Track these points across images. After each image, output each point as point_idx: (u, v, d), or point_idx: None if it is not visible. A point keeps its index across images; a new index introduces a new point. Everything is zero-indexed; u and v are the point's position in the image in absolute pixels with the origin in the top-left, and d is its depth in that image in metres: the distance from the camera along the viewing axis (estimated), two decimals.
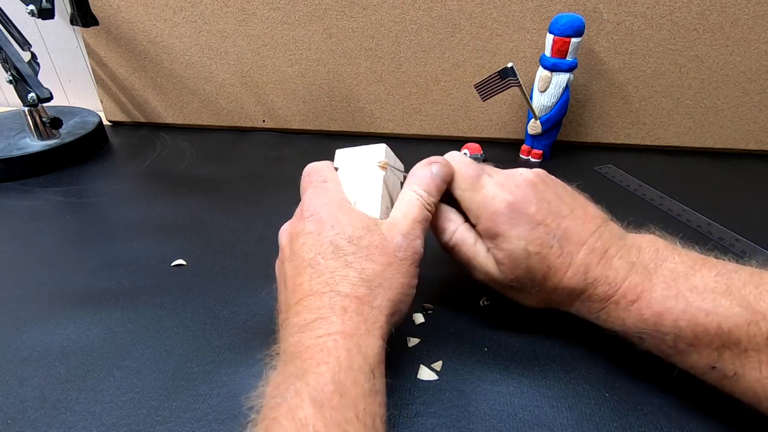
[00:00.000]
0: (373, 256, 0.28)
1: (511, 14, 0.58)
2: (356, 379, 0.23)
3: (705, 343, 0.26)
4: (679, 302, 0.26)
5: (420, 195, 0.31)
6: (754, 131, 0.61)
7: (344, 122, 0.69)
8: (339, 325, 0.25)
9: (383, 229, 0.29)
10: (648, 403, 0.30)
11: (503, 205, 0.30)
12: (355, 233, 0.28)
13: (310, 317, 0.25)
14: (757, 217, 0.49)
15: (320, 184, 0.31)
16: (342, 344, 0.24)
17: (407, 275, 0.28)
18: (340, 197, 0.31)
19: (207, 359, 0.33)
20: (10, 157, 0.56)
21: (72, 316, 0.37)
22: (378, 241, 0.28)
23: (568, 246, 0.29)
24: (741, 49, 0.56)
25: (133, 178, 0.58)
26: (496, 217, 0.30)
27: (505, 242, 0.30)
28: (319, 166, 0.34)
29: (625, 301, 0.28)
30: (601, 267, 0.29)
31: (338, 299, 0.26)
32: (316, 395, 0.22)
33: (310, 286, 0.27)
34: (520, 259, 0.30)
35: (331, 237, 0.28)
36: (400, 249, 0.28)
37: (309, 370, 0.23)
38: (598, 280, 0.29)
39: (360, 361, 0.24)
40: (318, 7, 0.61)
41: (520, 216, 0.30)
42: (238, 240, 0.46)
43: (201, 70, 0.67)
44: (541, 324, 0.35)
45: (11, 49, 0.56)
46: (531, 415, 0.29)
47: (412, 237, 0.29)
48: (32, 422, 0.29)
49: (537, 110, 0.57)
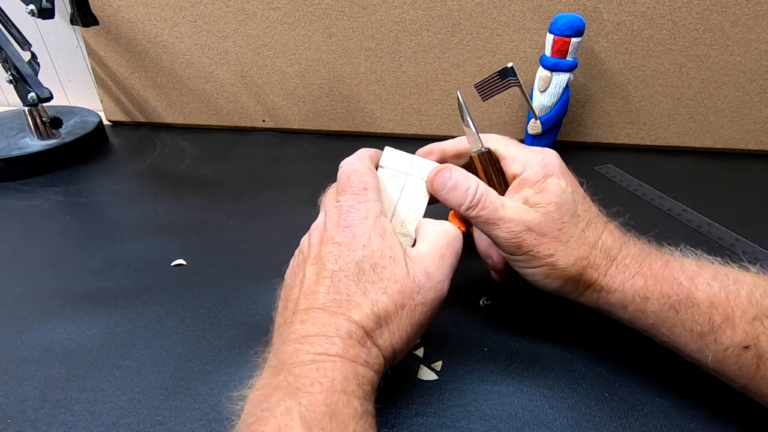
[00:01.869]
0: (390, 291, 0.26)
1: (511, 14, 0.58)
2: (349, 402, 0.23)
3: (739, 314, 0.25)
4: (707, 269, 0.27)
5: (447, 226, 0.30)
6: (754, 131, 0.61)
7: (344, 122, 0.69)
8: (341, 349, 0.24)
9: (408, 261, 0.27)
10: (648, 403, 0.30)
11: (554, 156, 0.31)
12: (381, 261, 0.27)
13: (313, 330, 0.25)
14: (757, 217, 0.49)
15: (360, 192, 0.29)
16: (340, 367, 0.24)
17: (417, 324, 0.27)
18: (379, 212, 0.29)
19: (207, 359, 0.33)
20: (10, 157, 0.56)
21: (72, 316, 0.37)
22: (399, 275, 0.27)
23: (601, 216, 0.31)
24: (741, 49, 0.56)
25: (133, 178, 0.58)
26: (548, 162, 0.31)
27: (554, 184, 0.30)
28: (360, 168, 0.30)
29: (659, 263, 0.28)
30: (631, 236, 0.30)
31: (346, 324, 0.25)
32: (307, 415, 0.21)
33: (324, 300, 0.26)
34: (568, 198, 0.30)
35: (359, 257, 0.27)
36: (420, 292, 0.27)
37: (302, 389, 0.22)
38: (632, 241, 0.30)
39: (354, 386, 0.23)
40: (318, 7, 0.61)
41: (566, 171, 0.31)
42: (238, 240, 0.46)
43: (201, 70, 0.67)
44: (541, 324, 0.35)
45: (11, 48, 0.56)
46: (531, 415, 0.29)
47: (437, 277, 0.27)
48: (32, 422, 0.29)
49: (537, 110, 0.57)
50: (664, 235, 0.32)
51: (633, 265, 0.29)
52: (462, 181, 0.30)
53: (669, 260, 0.28)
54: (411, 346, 0.28)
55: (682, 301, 0.27)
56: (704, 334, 0.26)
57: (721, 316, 0.26)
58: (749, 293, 0.25)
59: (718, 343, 0.26)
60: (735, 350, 0.25)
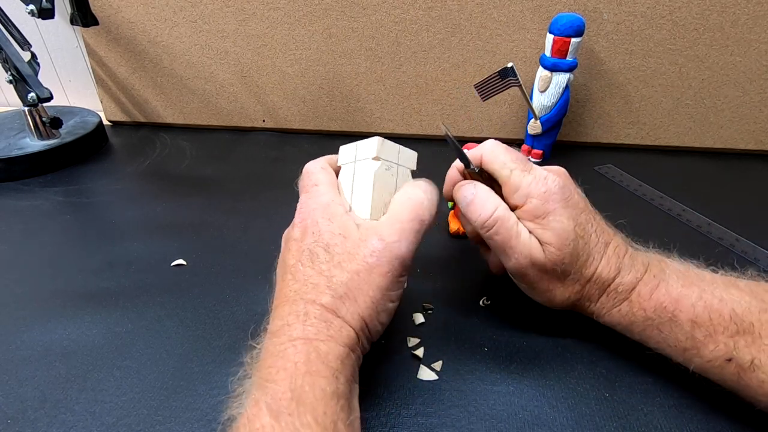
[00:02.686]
0: (344, 263, 0.27)
1: (511, 14, 0.58)
2: (314, 383, 0.23)
3: (720, 330, 0.26)
4: (694, 290, 0.28)
5: (413, 194, 0.30)
6: (754, 131, 0.61)
7: (344, 122, 0.69)
8: (300, 331, 0.25)
9: (360, 232, 0.28)
10: (648, 403, 0.30)
11: (557, 185, 0.31)
12: (332, 240, 0.28)
13: (278, 324, 0.26)
14: (757, 217, 0.49)
15: (311, 188, 0.31)
16: (301, 349, 0.24)
17: (379, 287, 0.27)
18: (329, 200, 0.30)
19: (207, 359, 0.33)
20: (10, 157, 0.56)
21: (72, 316, 0.37)
22: (351, 246, 0.27)
23: (603, 237, 0.31)
24: (741, 49, 0.56)
25: (133, 178, 0.58)
26: (550, 196, 0.30)
27: (556, 221, 0.30)
28: (311, 168, 0.32)
29: (647, 289, 0.29)
30: (628, 259, 0.31)
31: (303, 306, 0.26)
32: (273, 403, 0.22)
33: (286, 293, 0.27)
34: (569, 240, 0.30)
35: (310, 245, 0.28)
36: (373, 254, 0.27)
37: (268, 379, 0.23)
38: (626, 269, 0.30)
39: (318, 365, 0.24)
40: (318, 7, 0.61)
41: (570, 199, 0.31)
42: (238, 240, 0.46)
43: (201, 70, 0.67)
44: (541, 324, 0.35)
45: (11, 49, 0.56)
46: (531, 415, 0.29)
47: (393, 239, 0.27)
48: (32, 422, 0.29)
49: (537, 110, 0.57)
50: (664, 235, 0.32)
51: (623, 293, 0.30)
52: (481, 199, 0.31)
53: (658, 284, 0.29)
54: (386, 315, 0.28)
55: (665, 323, 0.28)
56: (687, 348, 0.28)
57: (703, 333, 0.27)
58: (731, 310, 0.27)
59: (701, 356, 0.27)
60: (717, 362, 0.27)
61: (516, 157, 0.32)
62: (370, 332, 0.27)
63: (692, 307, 0.27)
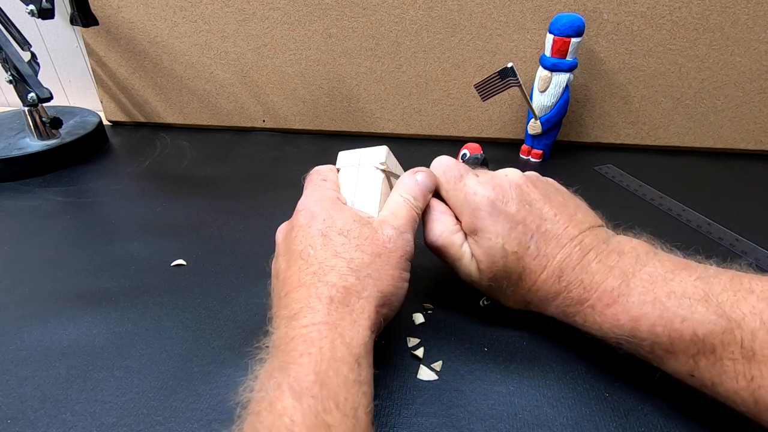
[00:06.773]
0: (363, 247, 0.28)
1: (511, 14, 0.58)
2: (339, 369, 0.23)
3: (681, 350, 0.25)
4: (656, 308, 0.26)
5: (406, 198, 0.32)
6: (754, 131, 0.61)
7: (344, 122, 0.69)
8: (324, 315, 0.25)
9: (374, 223, 0.30)
10: (648, 403, 0.30)
11: (484, 201, 0.31)
12: (346, 225, 0.29)
13: (296, 308, 0.25)
14: (757, 217, 0.49)
15: (318, 182, 0.33)
16: (326, 334, 0.24)
17: (397, 267, 0.29)
18: (335, 195, 0.32)
19: (207, 359, 0.33)
20: (10, 157, 0.56)
21: (72, 316, 0.36)
22: (368, 233, 0.29)
23: (545, 248, 0.30)
24: (741, 49, 0.56)
25: (133, 178, 0.58)
26: (477, 212, 0.31)
27: (484, 239, 0.30)
28: (321, 167, 0.35)
29: (601, 304, 0.28)
30: (577, 271, 0.29)
31: (325, 289, 0.26)
32: (296, 386, 0.22)
33: (299, 278, 0.27)
34: (497, 257, 0.30)
35: (321, 228, 0.29)
36: (390, 240, 0.29)
37: (292, 362, 0.23)
38: (572, 283, 0.29)
39: (343, 351, 0.24)
40: (318, 7, 0.61)
41: (500, 213, 0.30)
42: (238, 240, 0.46)
43: (201, 70, 0.67)
44: (541, 324, 0.35)
45: (11, 49, 0.56)
46: (531, 415, 0.29)
47: (403, 231, 0.30)
48: (32, 422, 0.29)
49: (537, 110, 0.57)
50: (663, 235, 0.32)
51: (573, 306, 0.30)
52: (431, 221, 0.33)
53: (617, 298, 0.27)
54: (400, 295, 0.29)
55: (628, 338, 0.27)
56: (652, 360, 0.28)
57: (663, 350, 0.26)
58: (693, 332, 0.25)
59: (666, 367, 0.27)
60: (682, 376, 0.27)
61: (451, 175, 0.33)
62: (387, 313, 0.28)
63: (651, 328, 0.26)
